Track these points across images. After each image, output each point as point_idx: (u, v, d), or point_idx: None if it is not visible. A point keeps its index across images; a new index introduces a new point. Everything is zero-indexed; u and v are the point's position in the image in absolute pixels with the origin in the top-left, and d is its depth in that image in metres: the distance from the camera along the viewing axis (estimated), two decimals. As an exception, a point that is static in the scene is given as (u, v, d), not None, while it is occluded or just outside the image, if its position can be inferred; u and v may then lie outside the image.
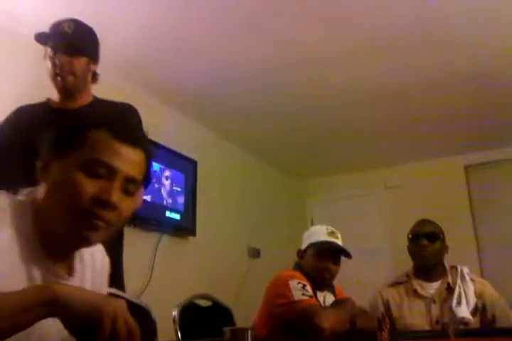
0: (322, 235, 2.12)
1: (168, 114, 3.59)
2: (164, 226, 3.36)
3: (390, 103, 3.73)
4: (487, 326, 2.10)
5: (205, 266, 3.69)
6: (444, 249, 2.33)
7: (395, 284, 2.36)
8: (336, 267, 2.10)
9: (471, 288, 2.20)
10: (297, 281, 1.95)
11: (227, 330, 1.10)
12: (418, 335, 1.91)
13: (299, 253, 2.19)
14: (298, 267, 2.14)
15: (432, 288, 2.27)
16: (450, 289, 2.22)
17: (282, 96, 3.59)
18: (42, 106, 1.89)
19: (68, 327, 0.75)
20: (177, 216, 3.51)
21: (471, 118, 3.98)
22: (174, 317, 1.93)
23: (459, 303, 2.14)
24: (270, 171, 5.03)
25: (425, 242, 2.26)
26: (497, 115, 3.91)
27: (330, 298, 2.14)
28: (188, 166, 3.72)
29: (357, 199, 5.13)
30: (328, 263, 2.07)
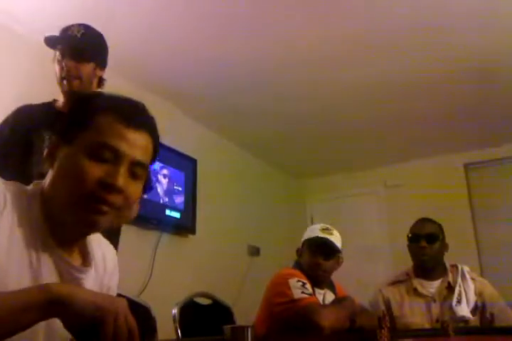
0: (316, 231, 2.13)
1: (168, 113, 3.58)
2: (164, 224, 3.36)
3: (390, 102, 3.72)
4: (486, 325, 2.10)
5: (205, 265, 3.69)
6: (444, 248, 2.33)
7: (396, 283, 2.36)
8: (328, 262, 2.08)
9: (472, 287, 2.20)
10: (297, 279, 1.96)
11: (227, 328, 1.10)
12: (418, 334, 1.91)
13: (298, 251, 2.21)
14: (297, 265, 2.15)
15: (432, 287, 2.27)
16: (450, 288, 2.22)
17: (282, 95, 3.59)
18: (47, 106, 1.90)
19: (69, 327, 0.74)
20: (177, 214, 3.51)
21: (471, 116, 3.98)
22: (174, 315, 1.92)
23: (459, 302, 2.14)
24: (270, 170, 5.03)
25: (424, 244, 2.26)
26: (497, 113, 3.91)
27: (330, 296, 2.14)
28: (188, 165, 3.72)
29: (357, 198, 5.13)
30: (319, 258, 2.07)
